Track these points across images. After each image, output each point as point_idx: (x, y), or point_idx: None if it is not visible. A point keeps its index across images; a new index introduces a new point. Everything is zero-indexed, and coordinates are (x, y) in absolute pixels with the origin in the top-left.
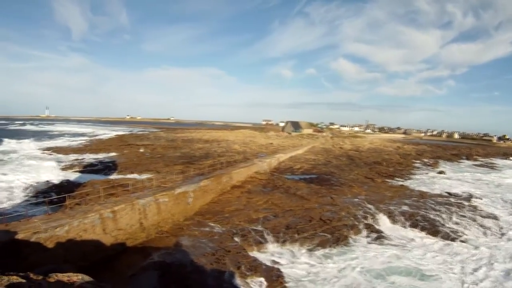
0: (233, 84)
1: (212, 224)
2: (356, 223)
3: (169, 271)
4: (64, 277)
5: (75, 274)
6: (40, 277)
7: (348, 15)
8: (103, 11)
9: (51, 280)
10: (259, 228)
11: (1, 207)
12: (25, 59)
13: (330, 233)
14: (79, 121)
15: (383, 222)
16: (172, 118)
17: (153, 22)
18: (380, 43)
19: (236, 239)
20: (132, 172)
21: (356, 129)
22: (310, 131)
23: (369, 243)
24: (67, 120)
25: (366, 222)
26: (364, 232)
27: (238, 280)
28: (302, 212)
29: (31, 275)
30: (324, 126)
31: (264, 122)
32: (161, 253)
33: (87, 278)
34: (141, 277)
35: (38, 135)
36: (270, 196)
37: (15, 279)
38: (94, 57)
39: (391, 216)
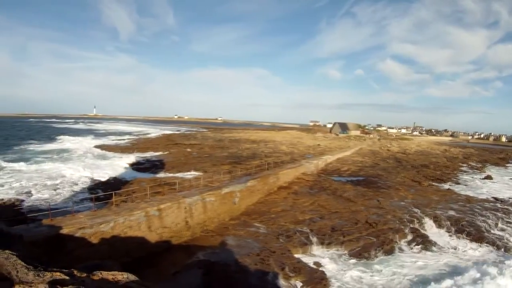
0: (279, 85)
1: (258, 224)
2: (402, 227)
3: (213, 270)
4: (109, 275)
5: (120, 272)
6: (84, 275)
7: (395, 15)
8: (150, 12)
9: (95, 277)
10: (305, 229)
11: (47, 202)
12: (73, 60)
13: (376, 236)
14: (127, 120)
15: (429, 227)
16: (219, 118)
17: (200, 23)
18: (427, 44)
19: (281, 240)
20: (179, 171)
21: (404, 131)
22: (357, 132)
23: (414, 248)
24: (115, 119)
25: (412, 226)
26: (410, 236)
27: (281, 281)
28: (348, 214)
29: (75, 272)
30: (372, 128)
31: (311, 123)
32: (205, 251)
33: (132, 277)
34: (184, 275)
35: (86, 133)
36: (317, 197)
37: (58, 275)
38: (142, 58)
39: (437, 221)
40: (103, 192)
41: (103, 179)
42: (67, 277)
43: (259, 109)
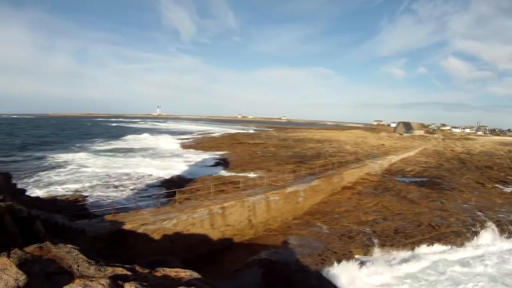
0: (342, 84)
1: (321, 224)
2: (464, 230)
3: (273, 269)
4: (171, 272)
5: (183, 270)
6: (147, 271)
7: (455, 10)
8: (210, 14)
9: (158, 274)
10: (367, 230)
11: (110, 199)
12: (136, 61)
13: (438, 239)
14: (191, 120)
15: (492, 231)
16: (283, 118)
17: (260, 23)
18: (489, 39)
19: (343, 240)
20: (243, 170)
21: (468, 130)
22: (421, 132)
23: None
24: (179, 119)
25: (474, 230)
26: (473, 241)
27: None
28: (411, 216)
29: (137, 268)
30: (436, 128)
31: (375, 123)
32: (267, 250)
33: (195, 274)
34: (245, 273)
35: (151, 132)
36: (380, 198)
37: (120, 270)
38: (204, 58)
39: (499, 225)
40: (167, 190)
41: (167, 177)
42: (129, 273)
43: (323, 108)
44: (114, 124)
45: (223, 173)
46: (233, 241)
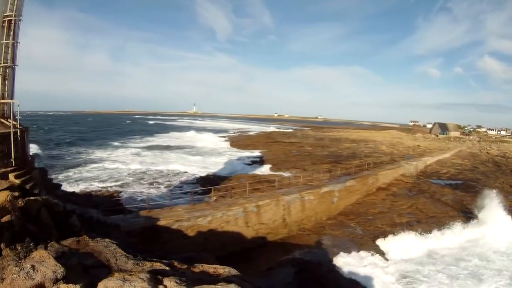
0: (378, 83)
1: (354, 225)
2: None
3: (306, 268)
4: (210, 268)
5: (221, 266)
6: (185, 266)
7: (491, 8)
8: (246, 13)
9: (196, 270)
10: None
11: (145, 195)
12: (173, 60)
13: None
14: (227, 118)
15: None
16: (319, 117)
17: (296, 22)
18: None
19: (377, 242)
20: (278, 169)
21: (503, 133)
22: (457, 134)
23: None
24: (215, 117)
25: None
26: None
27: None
28: (445, 219)
29: (175, 263)
30: (471, 129)
31: (411, 123)
32: (300, 250)
33: (233, 271)
34: (278, 272)
35: (187, 129)
36: (415, 200)
37: (158, 265)
38: (240, 57)
39: None
40: (202, 187)
41: (202, 174)
42: (167, 268)
43: (358, 108)
44: (151, 122)
45: (259, 171)
46: (267, 240)
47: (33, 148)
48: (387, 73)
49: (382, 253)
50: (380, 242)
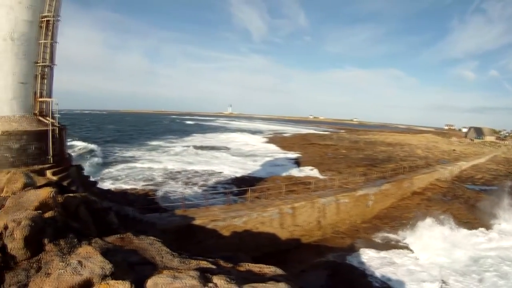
0: (412, 85)
1: (389, 229)
2: None
3: (338, 271)
4: (255, 267)
5: (266, 266)
6: (230, 265)
7: None
8: (281, 14)
9: (241, 269)
10: None
11: (181, 194)
12: (208, 60)
13: None
14: (262, 119)
15: None
16: (355, 119)
17: (332, 23)
18: None
19: (410, 247)
20: (313, 170)
21: None
22: (492, 138)
23: None
24: (250, 118)
25: None
26: None
27: None
28: (479, 226)
29: (220, 262)
30: (507, 134)
31: (446, 127)
32: (334, 253)
33: (279, 271)
34: (311, 274)
35: (222, 130)
36: (449, 206)
37: (204, 264)
38: (275, 58)
39: None
40: (237, 188)
41: (238, 175)
42: (213, 266)
43: (393, 110)
44: (188, 122)
45: (294, 173)
46: (301, 242)
47: (89, 145)
48: (422, 76)
49: (415, 258)
50: (414, 247)
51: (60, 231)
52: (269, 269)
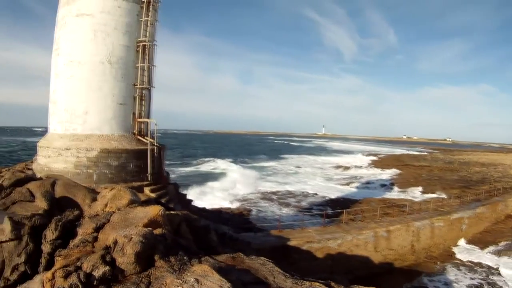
0: (505, 102)
1: (482, 255)
2: None
3: None
4: None
5: None
6: (342, 287)
7: None
8: (370, 32)
9: None
10: None
11: (274, 213)
12: (300, 81)
13: None
14: (356, 140)
15: None
16: (448, 139)
17: (422, 39)
18: None
19: (503, 274)
20: (408, 193)
21: None
22: None
23: None
24: (344, 139)
25: None
26: None
27: None
28: None
29: (332, 284)
30: None
31: None
32: (426, 277)
33: None
34: None
35: (319, 151)
36: None
37: (317, 285)
38: (367, 78)
39: None
40: (332, 209)
41: (332, 196)
42: (326, 287)
43: (486, 128)
44: (284, 143)
45: (388, 195)
46: (393, 266)
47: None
48: None
49: (507, 285)
50: (507, 272)
51: (169, 248)
52: None
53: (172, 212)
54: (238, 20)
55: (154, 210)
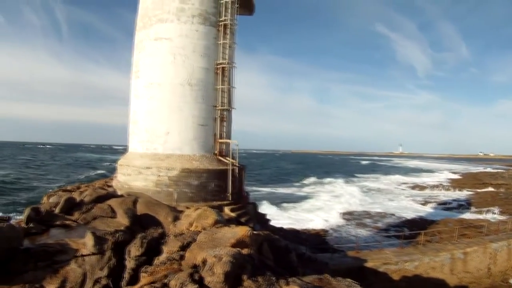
0: None
1: None
2: None
3: None
4: None
5: None
6: None
7: None
8: (443, 46)
9: None
10: None
11: (350, 235)
12: (375, 99)
13: None
14: (432, 158)
15: None
16: None
17: (495, 49)
18: None
19: None
20: (485, 212)
21: None
22: None
23: None
24: (421, 157)
25: None
26: None
27: None
28: None
29: None
30: None
31: None
32: None
33: None
34: None
35: (394, 171)
36: None
37: None
38: (441, 93)
39: None
40: (409, 230)
41: (408, 217)
42: None
43: None
44: (363, 162)
45: (465, 215)
46: None
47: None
48: None
49: None
50: None
51: (256, 268)
52: None
53: (255, 232)
54: (312, 41)
55: (242, 231)
